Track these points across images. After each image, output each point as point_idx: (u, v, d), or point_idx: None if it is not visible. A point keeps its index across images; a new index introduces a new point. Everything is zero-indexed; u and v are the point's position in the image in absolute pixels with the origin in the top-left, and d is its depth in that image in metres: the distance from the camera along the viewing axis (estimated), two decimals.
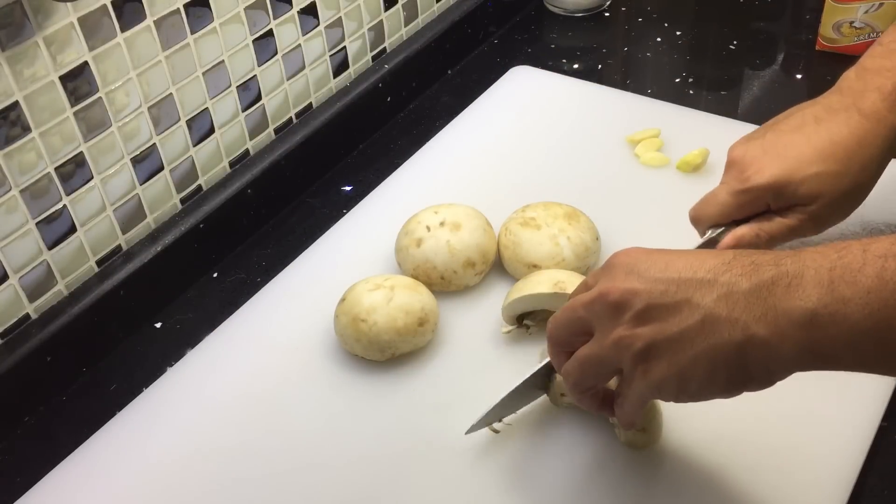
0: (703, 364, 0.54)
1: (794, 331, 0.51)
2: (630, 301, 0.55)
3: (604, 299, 0.56)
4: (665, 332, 0.54)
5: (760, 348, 0.52)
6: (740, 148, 0.73)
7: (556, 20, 1.21)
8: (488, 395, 0.73)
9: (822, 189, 0.69)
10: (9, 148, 0.71)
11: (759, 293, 0.52)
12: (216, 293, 0.87)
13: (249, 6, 0.86)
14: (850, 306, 0.50)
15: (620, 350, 0.56)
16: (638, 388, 0.57)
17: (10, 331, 0.76)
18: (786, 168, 0.70)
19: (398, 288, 0.75)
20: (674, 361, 0.54)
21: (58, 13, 0.70)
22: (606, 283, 0.57)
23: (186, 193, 0.88)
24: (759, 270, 0.53)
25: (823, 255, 0.52)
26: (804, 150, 0.70)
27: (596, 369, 0.59)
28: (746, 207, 0.72)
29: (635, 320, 0.55)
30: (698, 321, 0.53)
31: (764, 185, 0.70)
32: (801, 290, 0.51)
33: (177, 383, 0.77)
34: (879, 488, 0.67)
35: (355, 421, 0.72)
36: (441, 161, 0.97)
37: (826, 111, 0.72)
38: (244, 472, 0.69)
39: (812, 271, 0.51)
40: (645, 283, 0.55)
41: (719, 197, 0.73)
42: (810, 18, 1.14)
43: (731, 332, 0.52)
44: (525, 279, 0.77)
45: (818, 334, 0.51)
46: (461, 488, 0.67)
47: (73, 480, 0.70)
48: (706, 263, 0.54)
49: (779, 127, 0.73)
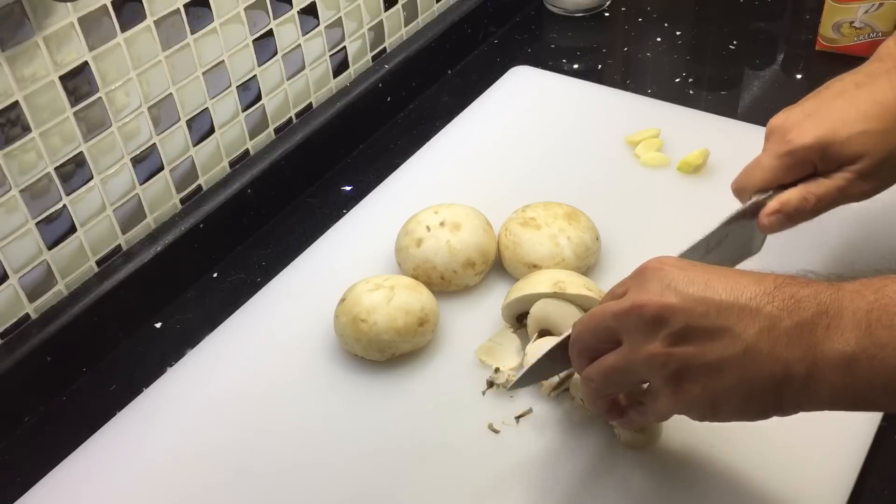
0: (739, 394, 0.54)
1: (832, 373, 0.52)
2: (668, 318, 0.54)
3: (639, 311, 0.55)
4: (703, 357, 0.54)
5: (798, 386, 0.53)
6: (780, 116, 0.72)
7: (556, 20, 1.21)
8: (488, 396, 0.73)
9: (868, 147, 0.67)
10: (9, 148, 0.71)
11: (800, 332, 0.52)
12: (216, 293, 0.87)
13: (249, 6, 0.86)
14: (886, 350, 0.50)
15: (653, 366, 0.55)
16: (665, 406, 0.57)
17: (10, 331, 0.76)
18: (830, 128, 0.68)
19: (398, 288, 0.75)
20: (709, 387, 0.54)
21: (58, 13, 0.70)
22: (641, 295, 0.56)
23: (186, 193, 0.88)
24: (801, 306, 0.52)
25: (861, 296, 0.52)
26: (847, 112, 0.68)
27: (621, 379, 0.59)
28: (792, 170, 0.69)
29: (672, 339, 0.54)
30: (739, 352, 0.53)
31: (808, 145, 0.68)
32: (840, 332, 0.51)
33: (177, 383, 0.77)
34: (879, 488, 0.67)
35: (355, 421, 0.72)
36: (441, 161, 0.97)
37: (867, 77, 0.71)
38: (244, 472, 0.69)
39: (850, 312, 0.52)
40: (684, 301, 0.54)
41: (763, 162, 0.71)
42: (810, 18, 1.14)
43: (772, 368, 0.53)
44: (525, 279, 0.77)
45: (855, 377, 0.51)
46: (461, 488, 0.67)
47: (73, 480, 0.70)
48: (747, 289, 0.54)
49: (819, 95, 0.72)
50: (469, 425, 0.71)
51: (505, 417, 0.71)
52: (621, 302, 0.57)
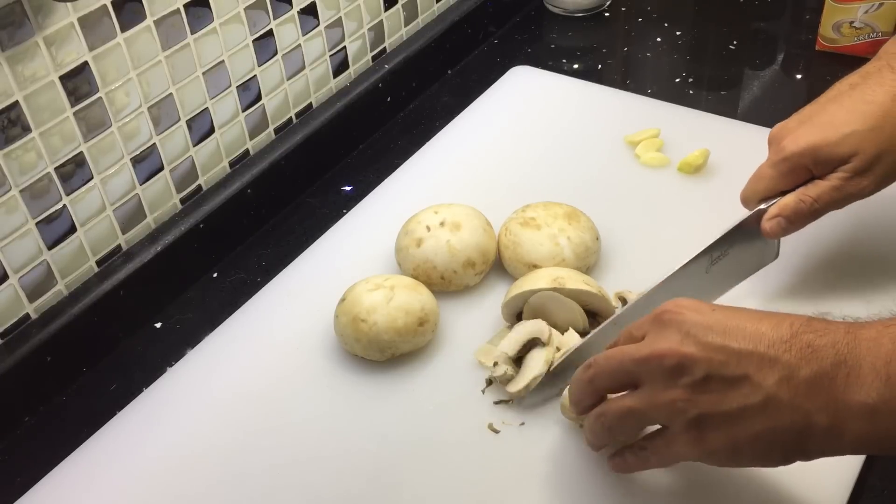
0: (762, 443, 0.54)
1: (855, 423, 0.52)
2: (689, 368, 0.55)
3: (660, 361, 0.56)
4: (724, 406, 0.54)
5: (820, 435, 0.53)
6: (779, 125, 0.74)
7: (556, 20, 1.21)
8: (488, 396, 0.73)
9: (858, 146, 0.69)
10: (9, 148, 0.71)
11: (820, 382, 0.52)
12: (216, 293, 0.87)
13: (249, 6, 0.86)
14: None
15: (673, 413, 0.56)
16: (681, 451, 0.57)
17: (10, 331, 0.76)
18: (821, 132, 0.70)
19: (398, 288, 0.75)
20: (731, 435, 0.55)
21: (58, 13, 0.70)
22: (660, 343, 0.56)
23: (186, 193, 0.88)
24: (818, 356, 0.53)
25: (879, 344, 0.52)
26: (838, 115, 0.70)
27: (636, 422, 0.60)
28: (788, 176, 0.72)
29: (693, 388, 0.55)
30: (760, 402, 0.53)
31: (799, 151, 0.70)
32: (860, 383, 0.52)
33: (177, 383, 0.77)
34: (879, 488, 0.67)
35: (355, 421, 0.72)
36: (441, 161, 0.97)
37: (861, 77, 0.73)
38: (244, 472, 0.69)
39: (869, 363, 0.52)
40: (704, 351, 0.55)
41: (762, 171, 0.73)
42: (810, 18, 1.14)
43: (794, 418, 0.53)
44: (524, 277, 0.77)
45: (878, 426, 0.52)
46: (461, 488, 0.67)
47: (73, 480, 0.70)
48: (765, 337, 0.54)
49: (817, 101, 0.74)
50: (469, 425, 0.71)
51: (505, 417, 0.71)
52: (640, 348, 0.57)
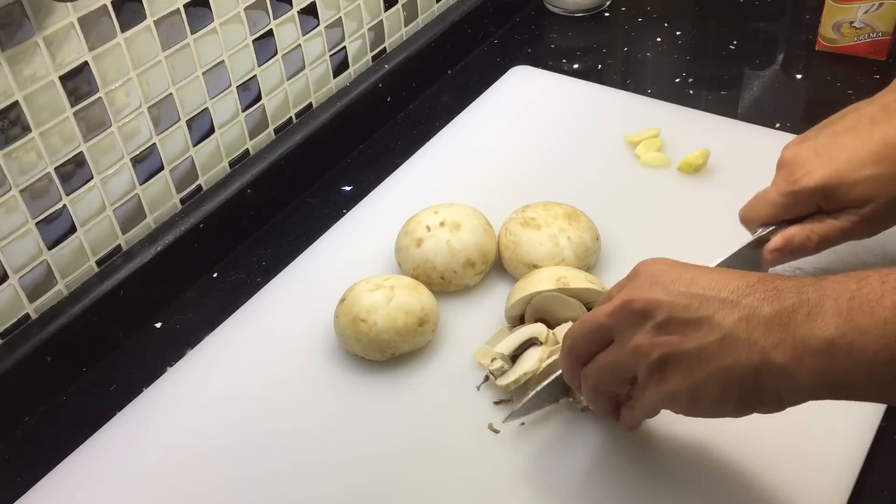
0: (717, 383, 0.55)
1: (811, 359, 0.52)
2: (652, 311, 0.56)
3: (627, 307, 0.57)
4: (683, 346, 0.55)
5: (776, 374, 0.53)
6: (793, 149, 0.71)
7: (556, 20, 1.21)
8: (488, 396, 0.73)
9: (875, 192, 0.67)
10: (9, 148, 0.71)
11: (779, 319, 0.53)
12: (216, 293, 0.87)
13: (249, 6, 0.86)
14: (867, 336, 0.50)
15: (638, 357, 0.57)
16: (650, 398, 0.58)
17: (10, 331, 0.76)
18: (837, 170, 0.67)
19: (398, 288, 0.75)
20: (688, 376, 0.55)
21: (58, 13, 0.70)
22: (630, 292, 0.58)
23: (186, 193, 0.88)
24: (781, 296, 0.53)
25: (843, 285, 0.52)
26: (857, 152, 0.67)
27: (614, 375, 0.60)
28: (796, 209, 0.70)
29: (655, 330, 0.56)
30: (717, 340, 0.54)
31: (813, 188, 0.68)
32: (821, 318, 0.52)
33: (177, 383, 0.77)
34: (879, 488, 0.67)
35: (355, 421, 0.72)
36: (441, 161, 0.97)
37: (882, 111, 0.69)
38: (244, 472, 0.69)
39: (832, 301, 0.52)
40: (668, 295, 0.56)
41: (769, 197, 0.71)
42: (810, 18, 1.14)
43: (749, 354, 0.53)
44: (525, 278, 0.77)
45: (835, 364, 0.51)
46: (461, 488, 0.67)
47: (73, 480, 0.70)
48: (731, 284, 0.55)
49: (833, 128, 0.71)
50: (469, 425, 0.71)
51: (505, 417, 0.71)
52: (612, 302, 0.59)
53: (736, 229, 0.74)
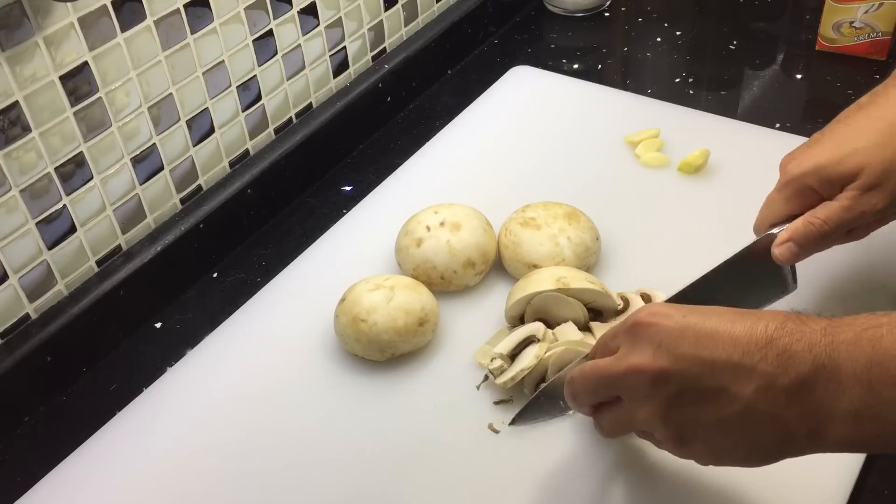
0: (742, 450, 0.55)
1: (838, 428, 0.52)
2: (662, 383, 0.55)
3: (635, 378, 0.56)
4: (701, 419, 0.54)
5: (803, 441, 0.53)
6: (789, 153, 0.73)
7: (556, 20, 1.21)
8: (488, 396, 0.73)
9: (863, 162, 0.67)
10: (9, 148, 0.71)
11: (798, 392, 0.52)
12: (216, 293, 0.87)
13: (249, 6, 0.86)
14: (891, 407, 0.50)
15: (653, 426, 0.57)
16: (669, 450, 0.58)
17: (10, 331, 0.76)
18: (825, 152, 0.69)
19: (398, 288, 0.75)
20: (711, 444, 0.55)
21: (58, 13, 0.70)
22: (634, 359, 0.56)
23: (186, 193, 0.88)
24: (795, 362, 0.52)
25: (857, 348, 0.51)
26: (844, 134, 0.69)
27: (627, 431, 0.61)
28: (795, 200, 0.70)
29: (669, 403, 0.55)
30: (737, 413, 0.53)
31: (802, 172, 0.69)
32: (841, 389, 0.51)
33: (177, 383, 0.77)
34: (879, 488, 0.67)
35: (355, 421, 0.72)
36: (441, 161, 0.97)
37: (869, 96, 0.71)
38: (244, 472, 0.69)
39: (849, 368, 0.51)
40: (676, 363, 0.54)
41: (769, 198, 0.72)
42: (810, 18, 1.14)
43: (773, 426, 0.53)
44: (525, 278, 0.77)
45: (862, 433, 0.51)
46: (461, 488, 0.67)
47: (73, 480, 0.70)
48: (739, 343, 0.53)
49: (828, 125, 0.72)
50: (469, 425, 0.71)
51: (505, 417, 0.71)
52: (615, 364, 0.57)
53: (736, 229, 0.74)
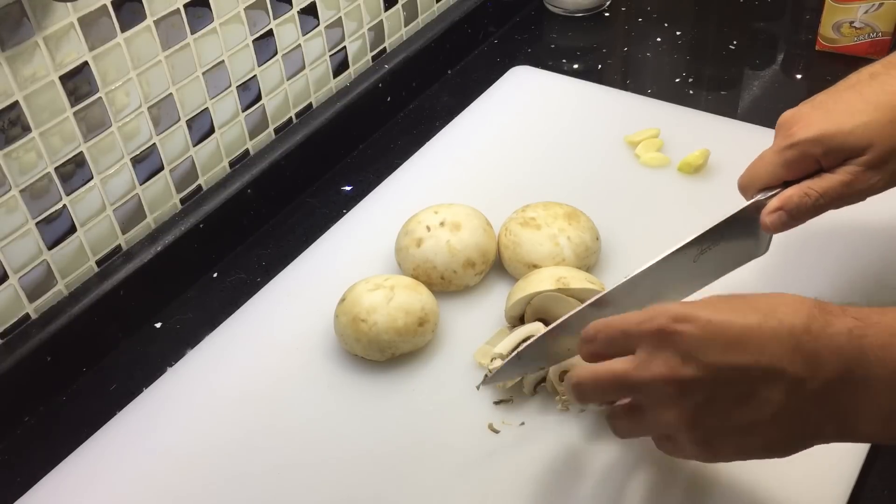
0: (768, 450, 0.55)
1: (867, 427, 0.52)
2: (691, 392, 0.54)
3: (662, 387, 0.54)
4: (731, 422, 0.54)
5: (832, 436, 0.54)
6: (790, 111, 0.69)
7: (556, 20, 1.21)
8: (488, 396, 0.73)
9: (874, 137, 0.64)
10: (9, 148, 0.71)
11: (827, 393, 0.52)
12: (216, 293, 0.87)
13: (249, 6, 0.86)
14: None
15: (678, 430, 0.56)
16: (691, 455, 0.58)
17: (10, 331, 0.76)
18: (834, 120, 0.65)
19: (398, 288, 0.75)
20: (740, 444, 0.55)
21: (58, 13, 0.70)
22: (658, 368, 0.54)
23: (186, 193, 0.88)
24: (822, 366, 0.52)
25: (886, 351, 0.51)
26: (855, 103, 0.66)
27: (646, 433, 0.60)
28: (794, 165, 0.67)
29: (697, 409, 0.54)
30: (768, 417, 0.53)
31: (810, 138, 0.66)
32: (872, 393, 0.51)
33: (177, 383, 0.77)
34: (879, 488, 0.67)
35: (355, 421, 0.72)
36: (441, 161, 0.97)
37: (883, 66, 0.68)
38: (244, 472, 0.69)
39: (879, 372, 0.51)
40: (705, 371, 0.53)
41: (766, 157, 0.68)
42: (810, 18, 1.14)
43: (804, 428, 0.53)
44: (525, 278, 0.77)
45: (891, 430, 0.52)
46: (461, 488, 0.67)
47: (73, 480, 0.70)
48: (766, 348, 0.52)
49: (834, 87, 0.69)
50: (469, 425, 0.71)
51: (505, 417, 0.71)
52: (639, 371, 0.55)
53: None
